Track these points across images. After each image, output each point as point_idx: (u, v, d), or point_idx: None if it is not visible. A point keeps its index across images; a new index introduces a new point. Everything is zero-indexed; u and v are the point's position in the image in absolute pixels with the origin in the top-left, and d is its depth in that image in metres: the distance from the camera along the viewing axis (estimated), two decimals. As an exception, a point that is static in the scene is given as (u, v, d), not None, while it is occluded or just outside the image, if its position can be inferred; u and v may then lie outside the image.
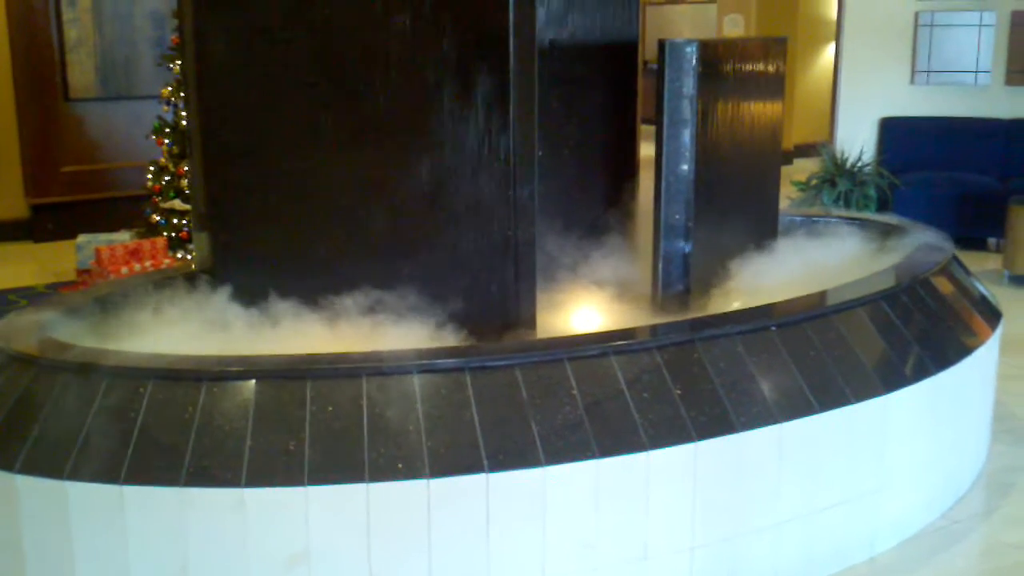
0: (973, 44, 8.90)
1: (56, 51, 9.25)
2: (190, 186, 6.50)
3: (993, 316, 4.47)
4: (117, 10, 9.43)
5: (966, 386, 4.11)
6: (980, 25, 8.86)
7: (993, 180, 8.53)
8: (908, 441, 3.82)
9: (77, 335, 3.74)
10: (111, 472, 3.00)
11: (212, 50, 3.97)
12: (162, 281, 4.39)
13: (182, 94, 7.10)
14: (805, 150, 12.74)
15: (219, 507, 2.97)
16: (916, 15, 9.00)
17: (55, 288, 7.55)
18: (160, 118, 7.50)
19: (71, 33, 9.29)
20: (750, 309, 3.88)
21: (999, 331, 4.44)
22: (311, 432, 3.03)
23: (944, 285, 4.33)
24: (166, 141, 7.40)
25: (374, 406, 3.09)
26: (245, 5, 3.91)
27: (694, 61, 4.18)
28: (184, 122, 7.10)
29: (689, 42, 4.19)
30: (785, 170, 7.82)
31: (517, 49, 3.72)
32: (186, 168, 7.09)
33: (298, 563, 3.01)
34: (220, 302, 3.92)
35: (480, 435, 3.09)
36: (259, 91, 3.95)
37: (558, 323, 4.16)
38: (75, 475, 3.02)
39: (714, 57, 4.29)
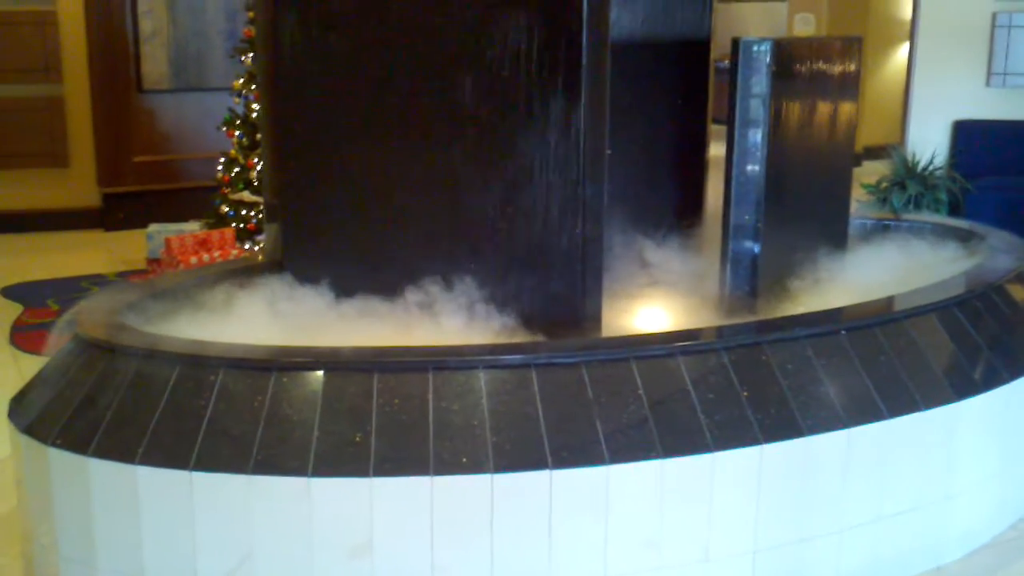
0: (1052, 47, 8.71)
1: (131, 43, 9.40)
2: (261, 177, 6.58)
3: (1069, 325, 4.38)
4: (191, 3, 9.56)
5: (1040, 395, 4.03)
6: (1060, 27, 8.67)
7: (1069, 186, 8.35)
8: (978, 450, 3.75)
9: (150, 322, 3.80)
10: (181, 458, 3.04)
11: (286, 42, 4.01)
12: (232, 271, 4.45)
13: (253, 87, 7.19)
14: (875, 152, 12.55)
15: (285, 496, 3.00)
16: (994, 16, 8.82)
17: (125, 276, 7.67)
18: (231, 110, 7.60)
19: (146, 25, 9.44)
20: (819, 312, 3.84)
21: (1075, 340, 4.35)
22: (377, 424, 3.05)
23: (1018, 292, 4.25)
24: (236, 133, 7.49)
25: (440, 400, 3.10)
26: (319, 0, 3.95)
27: (768, 60, 4.14)
28: (254, 114, 7.20)
29: (763, 40, 4.15)
30: (855, 172, 7.71)
31: (590, 45, 3.71)
32: (256, 160, 7.18)
33: (362, 554, 3.03)
34: (289, 293, 3.96)
35: (545, 432, 3.09)
36: (331, 84, 3.98)
37: (624, 322, 4.14)
38: (146, 460, 3.07)
39: (788, 56, 4.24)
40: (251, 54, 7.20)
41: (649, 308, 4.39)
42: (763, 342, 3.48)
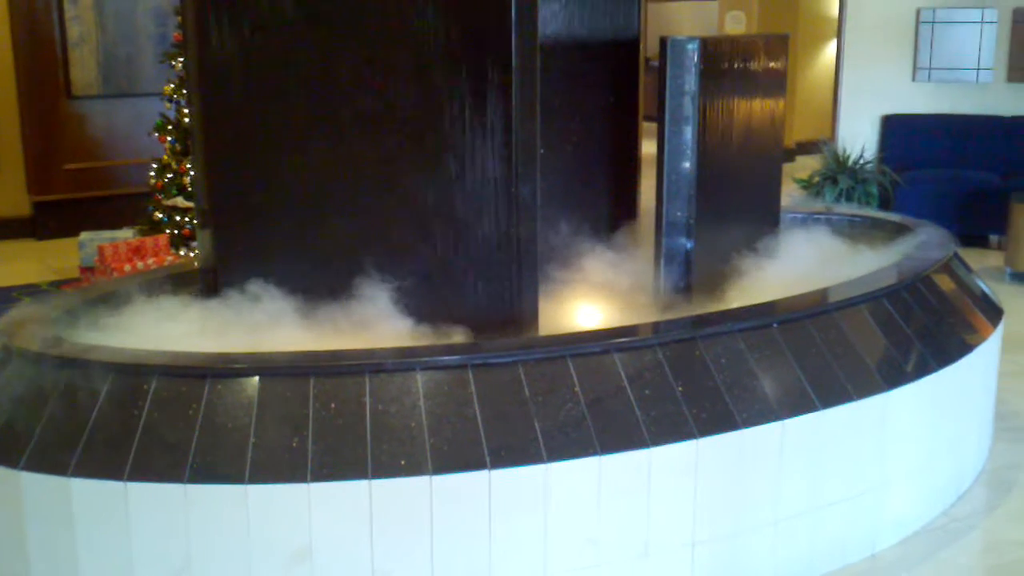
0: (975, 41, 8.90)
1: (59, 48, 9.26)
2: (193, 183, 6.51)
3: (995, 313, 4.48)
4: (119, 7, 9.43)
5: (967, 383, 4.12)
6: (982, 22, 8.86)
7: (995, 177, 8.53)
8: (909, 438, 3.83)
9: (81, 332, 3.75)
10: (115, 469, 3.01)
11: (214, 46, 3.97)
12: (165, 278, 4.41)
13: (184, 91, 7.11)
14: (807, 147, 12.75)
15: (222, 503, 2.98)
16: (918, 12, 9.00)
17: (58, 285, 7.55)
18: (162, 115, 7.51)
19: (74, 30, 9.30)
20: (752, 306, 3.88)
21: (1001, 328, 4.45)
22: (314, 429, 3.04)
23: (945, 282, 4.34)
24: (168, 138, 7.40)
25: (377, 403, 3.10)
26: (248, 1, 3.91)
27: (696, 58, 4.18)
28: (186, 119, 7.12)
29: (691, 39, 4.19)
30: (787, 167, 7.81)
31: (519, 46, 3.73)
32: (188, 165, 7.10)
33: (301, 559, 3.02)
34: (223, 299, 3.93)
35: (482, 432, 3.10)
36: (261, 87, 3.95)
37: (560, 320, 4.16)
38: (79, 472, 3.03)
39: (716, 54, 4.29)
40: (181, 58, 7.12)
41: (585, 306, 4.41)
42: (697, 337, 3.52)
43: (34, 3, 9.15)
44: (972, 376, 4.14)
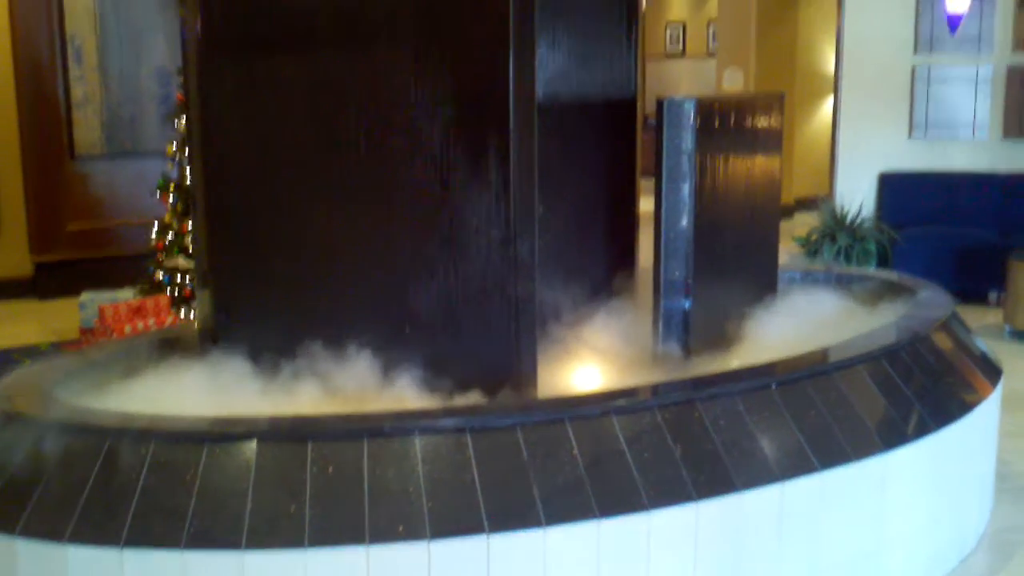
0: (970, 98, 8.98)
1: (62, 108, 9.34)
2: (193, 243, 6.55)
3: (994, 373, 4.47)
4: (123, 68, 9.53)
5: (967, 443, 4.10)
6: (977, 80, 8.94)
7: (992, 234, 8.56)
8: (910, 500, 3.81)
9: (79, 395, 3.75)
10: (112, 535, 2.99)
11: (216, 108, 4.01)
12: (165, 340, 4.42)
13: (186, 151, 7.16)
14: (806, 204, 12.80)
15: (220, 570, 2.96)
16: (913, 69, 9.09)
17: (58, 347, 7.55)
18: (165, 175, 7.55)
19: (77, 90, 9.39)
20: (750, 367, 3.89)
21: (1000, 388, 4.44)
22: (312, 494, 3.03)
23: (944, 342, 4.34)
24: (171, 198, 7.44)
25: (375, 467, 3.09)
26: (249, 64, 3.96)
27: (692, 117, 4.22)
28: (188, 179, 7.16)
29: (687, 99, 4.23)
30: (787, 225, 7.83)
31: (517, 106, 3.76)
32: (190, 226, 7.13)
33: (298, 626, 2.99)
34: (221, 361, 3.93)
35: (481, 496, 3.09)
36: (262, 149, 3.99)
37: (559, 382, 4.16)
38: (76, 538, 3.01)
39: (712, 113, 4.33)
40: (184, 118, 7.17)
41: (583, 367, 4.41)
42: (696, 399, 3.51)
43: (39, 63, 9.24)
44: (972, 436, 4.13)
